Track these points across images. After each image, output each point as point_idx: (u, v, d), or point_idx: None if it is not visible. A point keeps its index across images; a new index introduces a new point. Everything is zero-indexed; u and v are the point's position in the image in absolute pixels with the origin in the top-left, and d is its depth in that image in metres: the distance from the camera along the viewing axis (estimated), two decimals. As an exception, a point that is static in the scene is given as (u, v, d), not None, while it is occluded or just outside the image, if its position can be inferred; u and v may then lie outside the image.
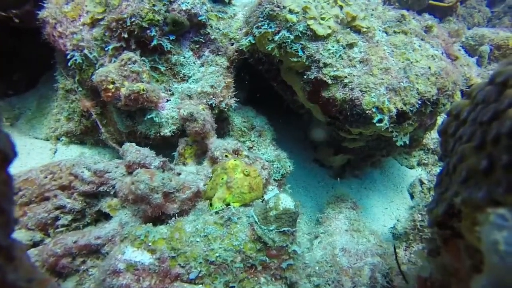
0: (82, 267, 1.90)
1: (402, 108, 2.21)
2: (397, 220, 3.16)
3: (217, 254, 1.53)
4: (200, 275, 1.52)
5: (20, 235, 2.00)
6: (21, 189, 2.06)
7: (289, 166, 2.62)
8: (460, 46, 4.28)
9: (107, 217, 2.14)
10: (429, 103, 2.26)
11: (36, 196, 2.07)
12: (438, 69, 2.25)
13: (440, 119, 3.92)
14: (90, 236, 1.87)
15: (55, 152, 2.77)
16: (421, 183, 3.50)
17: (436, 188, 1.17)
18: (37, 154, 2.76)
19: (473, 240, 0.75)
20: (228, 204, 1.69)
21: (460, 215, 0.81)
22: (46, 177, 2.09)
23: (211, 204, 1.76)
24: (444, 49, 2.41)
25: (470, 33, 4.46)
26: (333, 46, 2.33)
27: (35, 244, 2.01)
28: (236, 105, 2.65)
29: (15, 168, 2.55)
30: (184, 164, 2.34)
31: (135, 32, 2.26)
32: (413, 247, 2.46)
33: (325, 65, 2.30)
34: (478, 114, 0.81)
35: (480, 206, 0.65)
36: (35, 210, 2.05)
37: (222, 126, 2.70)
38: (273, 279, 1.58)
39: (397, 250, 2.39)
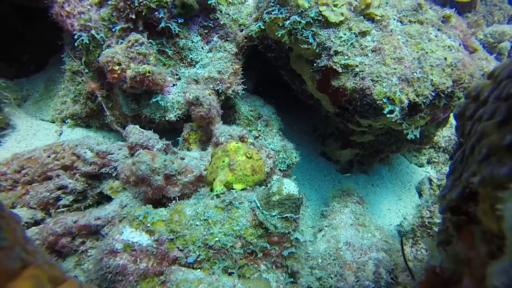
0: (82, 247, 1.89)
1: (414, 100, 2.12)
2: (404, 218, 3.08)
3: (217, 239, 1.48)
4: (198, 259, 1.48)
5: (21, 213, 1.99)
6: (24, 167, 2.05)
7: (295, 157, 2.56)
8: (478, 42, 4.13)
9: (109, 199, 2.12)
10: (443, 96, 2.17)
11: (38, 175, 2.06)
12: (454, 60, 2.15)
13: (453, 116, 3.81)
14: (90, 216, 1.85)
15: (60, 134, 2.77)
16: (430, 181, 3.41)
17: (449, 177, 1.10)
18: (43, 135, 2.75)
19: (491, 224, 0.69)
20: (231, 188, 1.64)
21: (477, 198, 0.75)
22: (49, 157, 2.08)
23: (211, 190, 1.72)
24: (462, 40, 2.31)
25: (489, 30, 4.29)
26: (345, 34, 2.25)
27: (36, 223, 2.00)
28: (244, 92, 2.60)
29: (21, 149, 2.55)
30: (188, 149, 2.30)
31: (143, 13, 2.22)
32: (419, 244, 2.38)
33: (336, 53, 2.23)
34: (502, 90, 0.75)
35: (503, 183, 0.59)
36: (37, 189, 2.04)
37: (229, 114, 2.65)
38: (273, 267, 1.53)
39: (404, 247, 2.31)
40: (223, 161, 1.68)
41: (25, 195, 2.04)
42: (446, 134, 3.80)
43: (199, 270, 1.47)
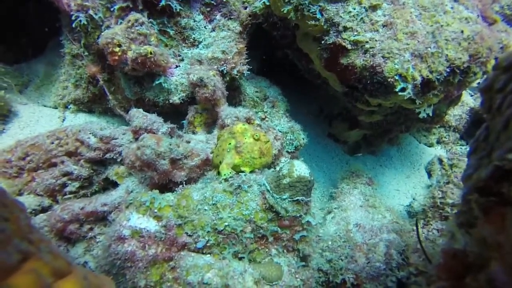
0: (90, 233, 1.88)
1: (428, 76, 2.03)
2: (413, 199, 3.03)
3: (226, 223, 1.45)
4: (208, 244, 1.46)
5: (29, 200, 1.98)
6: (28, 154, 2.02)
7: (303, 139, 2.50)
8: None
9: (115, 185, 2.09)
10: (458, 72, 2.06)
11: (43, 162, 2.03)
12: (472, 33, 2.03)
13: (465, 94, 3.68)
14: (96, 202, 1.83)
15: (63, 120, 2.72)
16: (440, 161, 3.33)
17: (471, 156, 1.04)
18: (46, 122, 2.71)
19: (529, 206, 0.63)
20: (238, 171, 1.59)
21: (512, 178, 0.69)
22: (52, 143, 2.04)
23: (219, 173, 1.67)
24: (480, 11, 2.18)
25: (507, 1, 4.06)
26: (354, 8, 2.13)
27: (43, 210, 1.99)
28: (249, 73, 2.51)
29: (24, 136, 2.52)
30: (193, 132, 2.25)
31: (142, -9, 2.12)
32: (431, 224, 2.34)
33: (345, 29, 2.12)
34: (543, 57, 0.67)
35: (549, 161, 0.53)
36: (43, 176, 2.01)
37: (234, 96, 2.57)
38: (285, 251, 1.50)
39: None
40: (230, 143, 1.62)
41: (31, 182, 2.02)
42: (457, 112, 3.69)
43: (209, 255, 1.45)
